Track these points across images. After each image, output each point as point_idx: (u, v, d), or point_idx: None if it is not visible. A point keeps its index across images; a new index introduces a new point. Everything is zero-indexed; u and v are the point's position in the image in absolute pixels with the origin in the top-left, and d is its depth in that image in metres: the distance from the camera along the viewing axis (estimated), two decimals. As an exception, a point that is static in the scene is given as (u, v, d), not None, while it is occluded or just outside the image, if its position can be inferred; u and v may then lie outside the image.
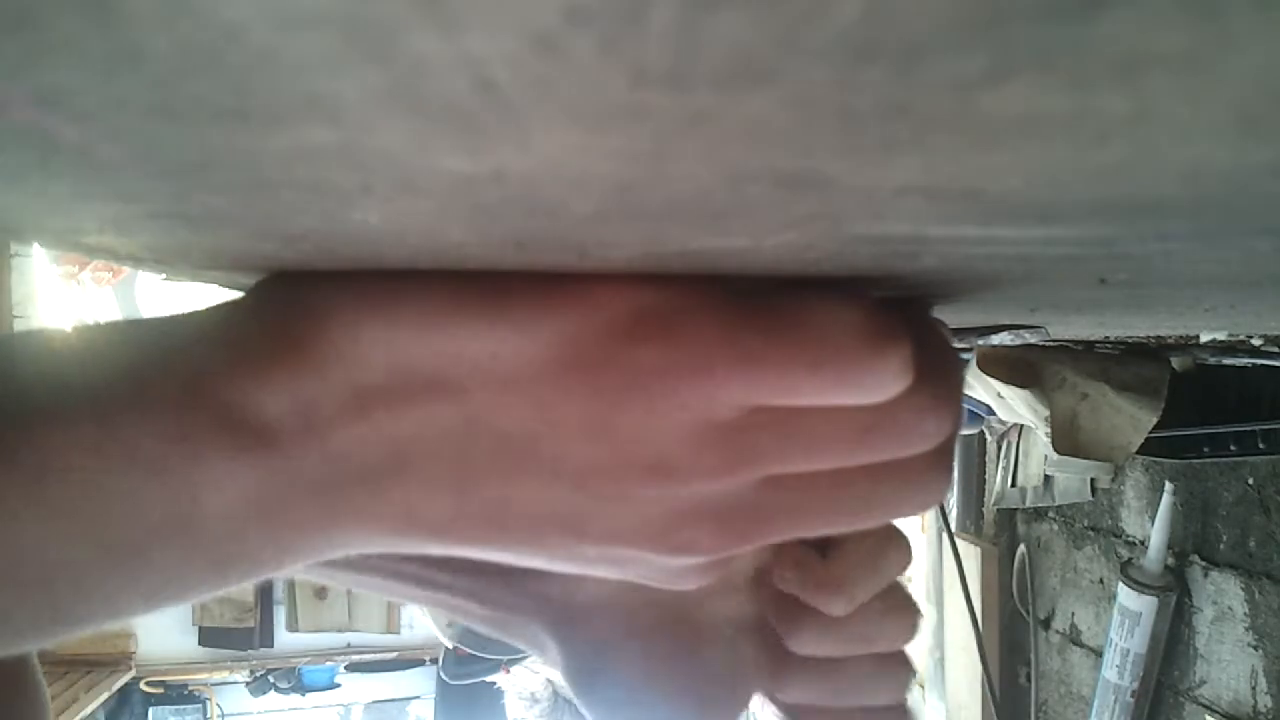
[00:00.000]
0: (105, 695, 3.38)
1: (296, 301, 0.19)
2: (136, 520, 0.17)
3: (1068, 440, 0.84)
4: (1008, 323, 0.38)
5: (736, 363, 0.18)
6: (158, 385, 0.17)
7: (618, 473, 0.19)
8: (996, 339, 0.40)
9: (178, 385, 0.18)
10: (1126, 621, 1.11)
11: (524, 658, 2.27)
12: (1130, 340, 0.76)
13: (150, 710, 3.81)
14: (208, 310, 0.19)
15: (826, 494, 0.20)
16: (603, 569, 0.21)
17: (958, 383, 0.21)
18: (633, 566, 0.21)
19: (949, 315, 0.27)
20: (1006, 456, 1.47)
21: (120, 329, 0.19)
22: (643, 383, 0.18)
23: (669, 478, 0.19)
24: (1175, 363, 0.83)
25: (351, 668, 3.94)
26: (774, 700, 0.28)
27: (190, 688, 3.84)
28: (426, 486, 0.19)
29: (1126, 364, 0.81)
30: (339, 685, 4.01)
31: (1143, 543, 1.18)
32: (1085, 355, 0.82)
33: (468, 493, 0.19)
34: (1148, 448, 0.84)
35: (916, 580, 1.58)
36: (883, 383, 0.18)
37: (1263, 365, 0.73)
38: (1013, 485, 1.47)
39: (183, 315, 0.19)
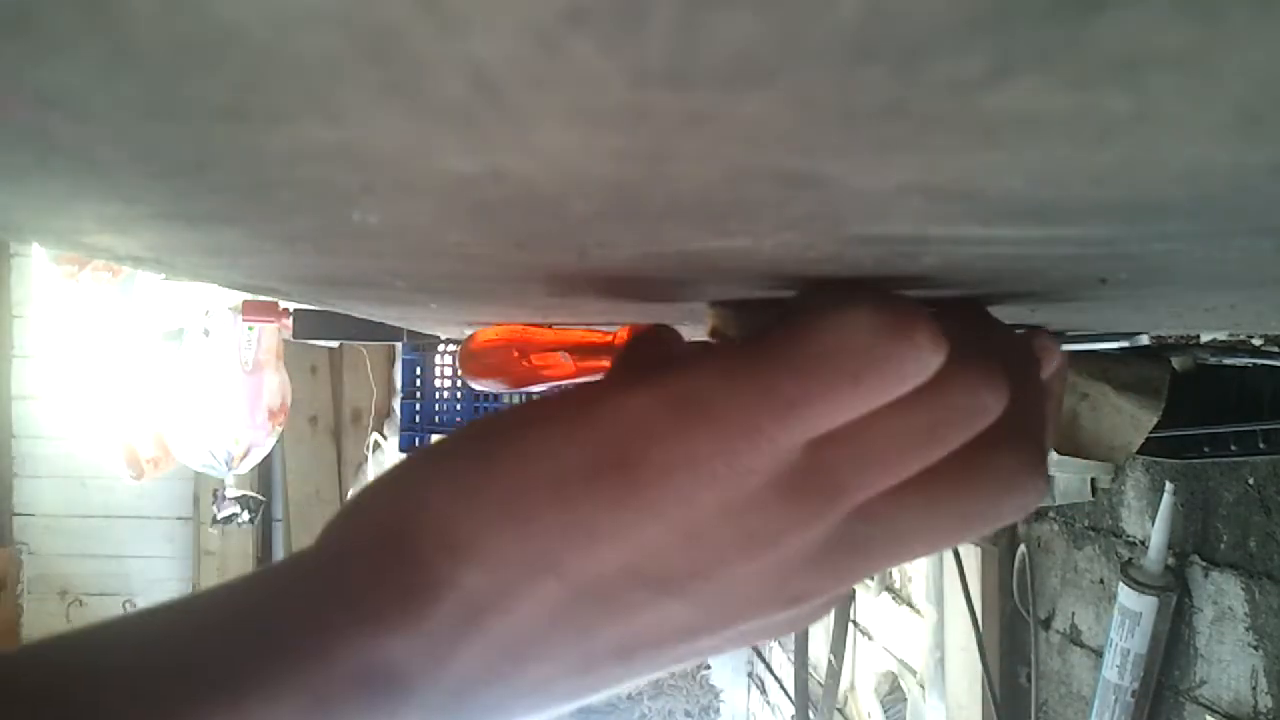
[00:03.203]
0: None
1: (391, 535, 0.19)
2: None
3: (1068, 440, 0.84)
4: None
5: (781, 411, 0.18)
6: (283, 652, 0.17)
7: (718, 567, 0.19)
8: (997, 339, 0.40)
9: (304, 649, 0.18)
10: (1127, 621, 1.11)
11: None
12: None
13: (150, 710, 3.80)
14: (303, 563, 0.20)
15: (919, 513, 0.20)
16: (739, 645, 0.22)
17: (1004, 347, 0.21)
18: (763, 633, 0.22)
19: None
20: (1007, 456, 1.47)
21: (230, 596, 0.19)
22: (707, 471, 0.18)
23: (765, 545, 0.19)
24: (1175, 363, 0.83)
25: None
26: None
27: (190, 688, 3.83)
28: (553, 663, 0.19)
29: (1126, 364, 0.81)
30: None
31: (1143, 543, 1.18)
32: (1085, 355, 0.82)
33: (592, 650, 0.20)
34: (1148, 448, 0.84)
35: (916, 580, 1.58)
36: (922, 360, 0.18)
37: (1263, 365, 0.73)
38: (1013, 485, 1.47)
39: (283, 573, 0.19)
